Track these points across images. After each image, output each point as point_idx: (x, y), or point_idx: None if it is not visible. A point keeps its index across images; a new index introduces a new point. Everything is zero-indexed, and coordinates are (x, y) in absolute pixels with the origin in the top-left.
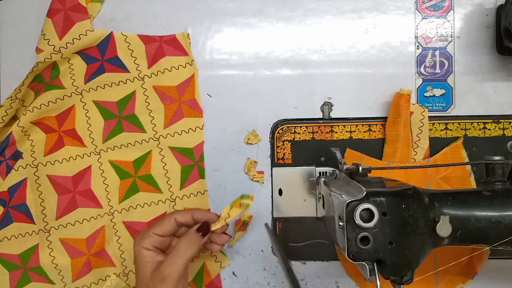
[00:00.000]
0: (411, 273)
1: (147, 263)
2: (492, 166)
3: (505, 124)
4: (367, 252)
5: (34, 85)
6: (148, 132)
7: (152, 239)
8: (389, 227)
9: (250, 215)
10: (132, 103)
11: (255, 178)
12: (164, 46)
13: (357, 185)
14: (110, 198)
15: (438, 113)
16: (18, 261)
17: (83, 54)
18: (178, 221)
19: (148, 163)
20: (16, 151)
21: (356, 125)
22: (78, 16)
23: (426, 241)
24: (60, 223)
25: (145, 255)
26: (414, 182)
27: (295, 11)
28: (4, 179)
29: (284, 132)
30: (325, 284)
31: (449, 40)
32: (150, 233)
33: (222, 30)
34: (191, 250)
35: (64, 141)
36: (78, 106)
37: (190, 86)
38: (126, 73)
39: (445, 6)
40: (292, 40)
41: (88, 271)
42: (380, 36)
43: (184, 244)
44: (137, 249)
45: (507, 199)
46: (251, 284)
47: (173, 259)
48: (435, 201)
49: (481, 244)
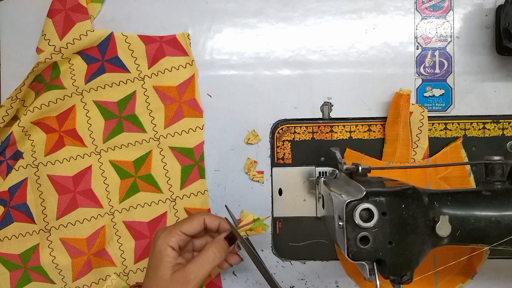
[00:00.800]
0: (410, 272)
1: (169, 263)
2: (492, 166)
3: (505, 124)
4: (367, 251)
5: (34, 85)
6: (148, 132)
7: (180, 238)
8: (389, 227)
9: None
10: (132, 103)
11: (255, 178)
12: (165, 46)
13: (356, 185)
14: (111, 198)
15: (437, 113)
16: (19, 260)
17: (84, 54)
18: (206, 223)
19: (148, 163)
20: (16, 151)
21: (356, 125)
22: (79, 17)
23: (425, 240)
24: (60, 223)
25: (169, 255)
26: (413, 182)
27: (295, 12)
28: (4, 179)
29: (284, 132)
30: (325, 283)
31: (449, 40)
32: (177, 231)
33: (222, 31)
34: (219, 258)
35: (64, 141)
36: (79, 106)
37: (190, 86)
38: (127, 73)
39: (444, 6)
40: (292, 41)
41: (89, 270)
42: (380, 36)
43: (213, 250)
44: (163, 246)
45: (506, 199)
46: (251, 284)
47: (201, 264)
48: (434, 201)
49: (481, 244)
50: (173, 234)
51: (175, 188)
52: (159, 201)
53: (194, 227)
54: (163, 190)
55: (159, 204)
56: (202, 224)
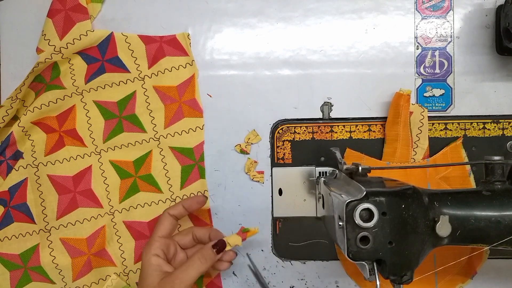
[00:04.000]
0: (410, 272)
1: (155, 271)
2: (492, 166)
3: (505, 124)
4: (367, 251)
5: (34, 85)
6: (148, 132)
7: (160, 243)
8: (389, 227)
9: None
10: (132, 103)
11: (255, 178)
12: (165, 46)
13: (356, 185)
14: (111, 198)
15: (437, 113)
16: (19, 260)
17: (84, 54)
18: (171, 214)
19: (148, 163)
20: (16, 151)
21: (356, 125)
22: (79, 17)
23: (425, 240)
24: (60, 223)
25: (153, 263)
26: (413, 182)
27: (295, 12)
28: (4, 179)
29: (284, 132)
30: (325, 283)
31: (449, 40)
32: (155, 237)
33: (222, 31)
34: (205, 265)
35: (64, 141)
36: (79, 106)
37: (190, 86)
38: (127, 73)
39: (444, 6)
40: (292, 41)
41: (89, 270)
42: (380, 36)
43: (199, 257)
44: (147, 257)
45: (506, 199)
46: (251, 284)
47: (186, 270)
48: (434, 201)
49: (481, 244)
50: (152, 242)
51: (175, 188)
52: (159, 201)
53: (164, 225)
54: (163, 190)
55: (159, 204)
56: (168, 218)
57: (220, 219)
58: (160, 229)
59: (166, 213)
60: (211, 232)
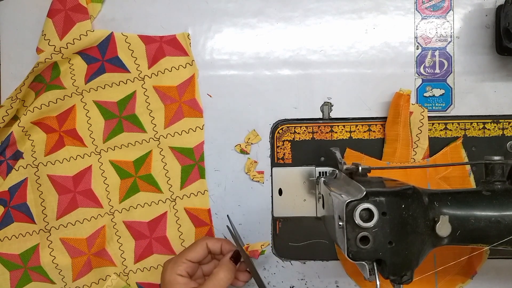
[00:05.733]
0: (410, 272)
1: None
2: (492, 166)
3: (505, 124)
4: (367, 251)
5: (34, 85)
6: (148, 132)
7: (186, 265)
8: (389, 227)
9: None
10: (132, 103)
11: (255, 178)
12: (165, 46)
13: (356, 185)
14: (111, 198)
15: (437, 113)
16: (19, 260)
17: (84, 54)
18: (209, 248)
19: (148, 163)
20: (16, 151)
21: (356, 125)
22: (79, 17)
23: (425, 240)
24: (60, 223)
25: (179, 282)
26: (413, 182)
27: (295, 12)
28: (4, 179)
29: (284, 132)
30: (325, 283)
31: (449, 40)
32: (183, 260)
33: (222, 31)
34: (230, 279)
35: (64, 141)
36: (79, 106)
37: (190, 86)
38: (127, 73)
39: (444, 6)
40: (292, 41)
41: (89, 270)
42: (380, 36)
43: (224, 271)
44: (172, 277)
45: (506, 199)
46: (251, 284)
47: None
48: (434, 201)
49: (481, 244)
50: (179, 263)
51: (175, 188)
52: (159, 201)
53: (198, 253)
54: (163, 190)
55: (159, 204)
56: (205, 249)
57: (220, 219)
58: (190, 254)
59: (204, 243)
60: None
